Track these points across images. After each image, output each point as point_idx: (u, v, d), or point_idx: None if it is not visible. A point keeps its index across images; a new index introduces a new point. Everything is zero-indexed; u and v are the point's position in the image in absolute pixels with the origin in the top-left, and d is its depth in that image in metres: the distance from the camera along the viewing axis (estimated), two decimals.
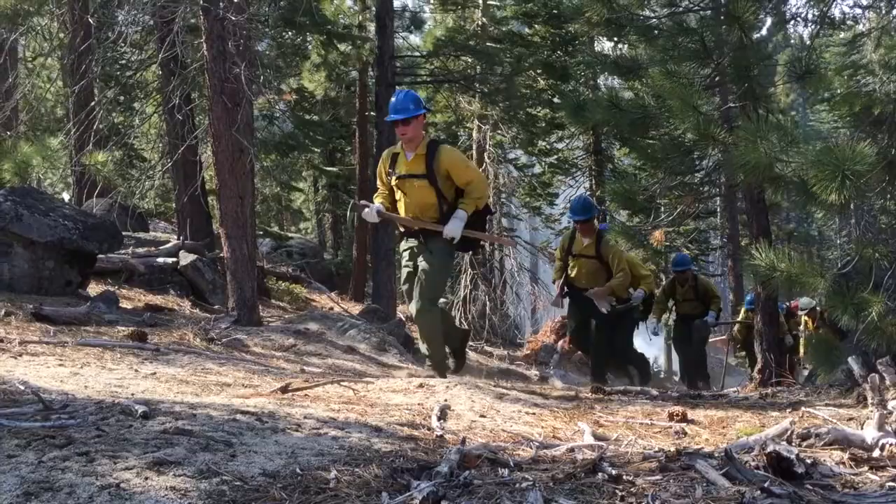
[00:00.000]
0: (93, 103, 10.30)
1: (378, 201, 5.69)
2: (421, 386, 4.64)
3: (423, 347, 5.99)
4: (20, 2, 9.31)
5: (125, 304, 7.86)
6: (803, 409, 4.22)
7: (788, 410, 4.41)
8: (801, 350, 11.57)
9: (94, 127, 9.24)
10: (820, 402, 4.60)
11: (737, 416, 4.32)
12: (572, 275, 8.03)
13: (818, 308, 11.66)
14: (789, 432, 3.02)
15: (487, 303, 15.18)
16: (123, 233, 9.20)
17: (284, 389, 4.06)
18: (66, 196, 13.55)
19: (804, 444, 2.94)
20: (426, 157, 5.42)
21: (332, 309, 11.85)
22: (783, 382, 9.87)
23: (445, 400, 4.15)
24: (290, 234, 20.03)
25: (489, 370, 9.60)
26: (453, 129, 18.13)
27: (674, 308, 10.91)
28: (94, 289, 8.12)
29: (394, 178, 5.57)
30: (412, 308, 5.63)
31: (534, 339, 16.00)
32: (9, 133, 11.99)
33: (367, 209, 5.65)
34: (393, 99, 5.55)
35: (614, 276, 7.75)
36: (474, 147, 16.58)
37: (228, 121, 8.12)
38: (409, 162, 5.50)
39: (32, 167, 8.09)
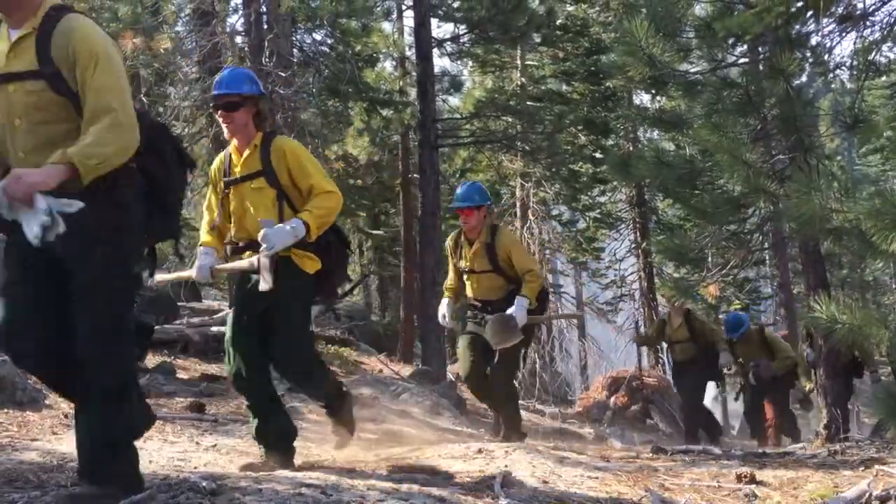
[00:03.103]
0: None
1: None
2: (480, 451, 4.59)
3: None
4: None
5: (182, 375, 7.96)
6: (877, 467, 4.07)
7: (861, 469, 4.27)
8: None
9: None
10: (893, 459, 4.44)
11: (807, 476, 4.19)
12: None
13: None
14: (868, 494, 2.93)
15: (537, 360, 15.03)
16: (178, 303, 9.37)
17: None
18: None
19: None
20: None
21: (381, 371, 11.85)
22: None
23: (506, 466, 4.10)
24: None
25: (544, 430, 9.47)
26: (496, 188, 18.24)
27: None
28: (150, 360, 8.24)
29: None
30: None
31: (585, 396, 15.77)
32: None
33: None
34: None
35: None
36: (518, 205, 16.66)
37: None
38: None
39: None
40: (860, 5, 5.99)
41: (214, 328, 9.96)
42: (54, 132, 2.61)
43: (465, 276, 5.82)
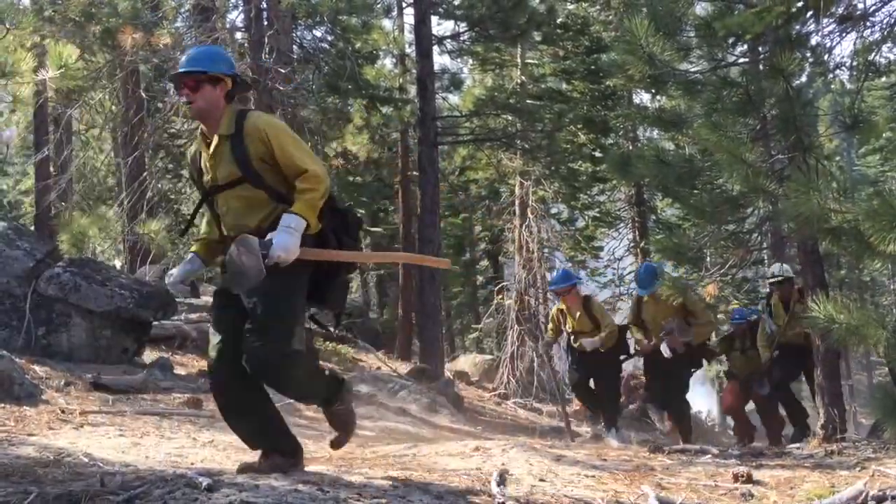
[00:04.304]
0: (145, 173, 10.62)
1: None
2: (477, 449, 4.60)
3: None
4: (76, 80, 9.70)
5: (179, 370, 7.95)
6: (873, 467, 4.07)
7: (858, 469, 4.27)
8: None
9: (147, 196, 9.50)
10: (890, 460, 4.45)
11: (804, 475, 4.19)
12: None
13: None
14: (864, 494, 2.93)
15: (535, 358, 15.02)
16: (175, 299, 9.34)
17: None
18: (117, 263, 13.86)
19: None
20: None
21: (379, 368, 11.86)
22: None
23: (503, 464, 4.10)
24: None
25: (541, 428, 9.47)
26: (495, 186, 18.24)
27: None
28: (148, 355, 8.24)
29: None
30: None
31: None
32: (63, 204, 12.39)
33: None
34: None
35: None
36: (517, 203, 16.65)
37: None
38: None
39: (89, 238, 8.32)
40: (860, 6, 6.00)
41: None
42: None
43: (214, 204, 3.43)
